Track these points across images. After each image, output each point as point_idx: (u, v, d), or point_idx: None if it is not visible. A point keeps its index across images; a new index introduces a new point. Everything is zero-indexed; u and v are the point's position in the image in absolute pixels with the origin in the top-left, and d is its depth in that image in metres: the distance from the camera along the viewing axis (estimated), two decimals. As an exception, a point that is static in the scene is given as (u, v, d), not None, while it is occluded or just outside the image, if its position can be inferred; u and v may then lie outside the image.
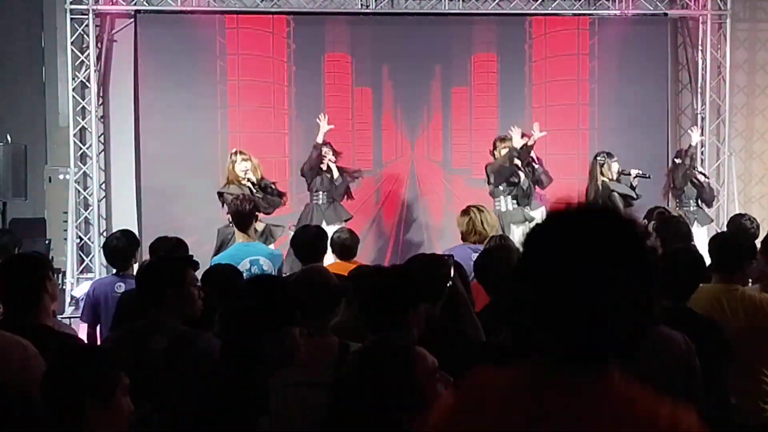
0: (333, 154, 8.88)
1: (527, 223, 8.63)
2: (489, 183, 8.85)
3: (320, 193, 8.87)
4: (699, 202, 9.40)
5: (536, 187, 8.93)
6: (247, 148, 8.69)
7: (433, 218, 10.33)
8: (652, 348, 3.41)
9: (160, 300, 3.59)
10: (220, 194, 7.96)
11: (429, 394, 2.32)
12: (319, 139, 8.89)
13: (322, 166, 8.85)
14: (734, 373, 3.88)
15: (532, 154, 8.89)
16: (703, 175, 9.51)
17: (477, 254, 5.53)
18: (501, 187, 8.73)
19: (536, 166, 8.93)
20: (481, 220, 5.92)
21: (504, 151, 8.75)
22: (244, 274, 5.96)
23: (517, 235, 8.15)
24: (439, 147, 10.60)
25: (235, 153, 8.26)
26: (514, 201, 8.75)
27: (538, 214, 8.75)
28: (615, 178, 8.85)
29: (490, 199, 8.82)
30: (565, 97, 10.68)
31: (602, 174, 8.83)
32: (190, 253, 5.43)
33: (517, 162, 8.71)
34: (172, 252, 5.47)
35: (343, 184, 8.94)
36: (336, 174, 8.87)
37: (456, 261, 4.07)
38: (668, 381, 3.39)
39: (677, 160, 9.52)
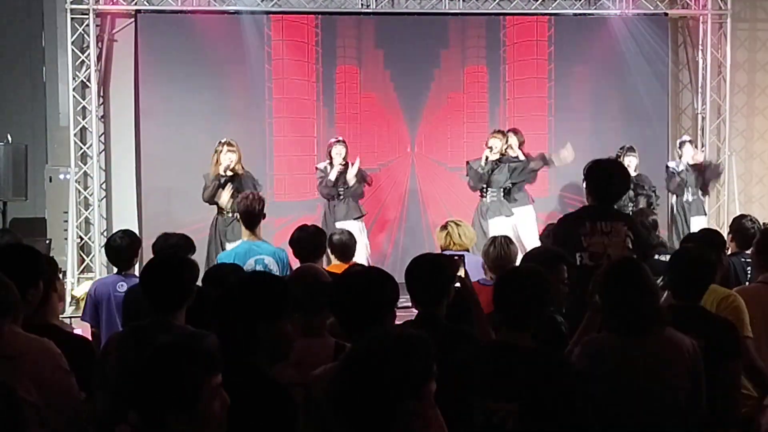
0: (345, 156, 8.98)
1: (508, 217, 8.96)
2: (468, 175, 9.21)
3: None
4: (700, 192, 9.57)
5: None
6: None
7: (433, 216, 10.33)
8: (659, 350, 3.42)
9: (164, 299, 3.59)
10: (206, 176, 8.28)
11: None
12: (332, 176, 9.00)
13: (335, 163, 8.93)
14: None
15: (517, 152, 9.11)
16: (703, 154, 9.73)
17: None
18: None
19: (526, 166, 9.05)
20: (459, 233, 6.15)
21: (491, 141, 9.05)
22: None
23: (496, 226, 8.63)
24: (438, 146, 10.63)
25: (222, 143, 8.41)
26: (500, 194, 9.06)
27: (523, 212, 9.01)
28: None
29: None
30: (565, 96, 10.73)
31: None
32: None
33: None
34: (177, 249, 5.44)
35: (360, 187, 9.05)
36: (352, 179, 8.94)
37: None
38: (673, 382, 3.40)
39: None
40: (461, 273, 4.07)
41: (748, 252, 5.58)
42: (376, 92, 10.54)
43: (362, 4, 10.42)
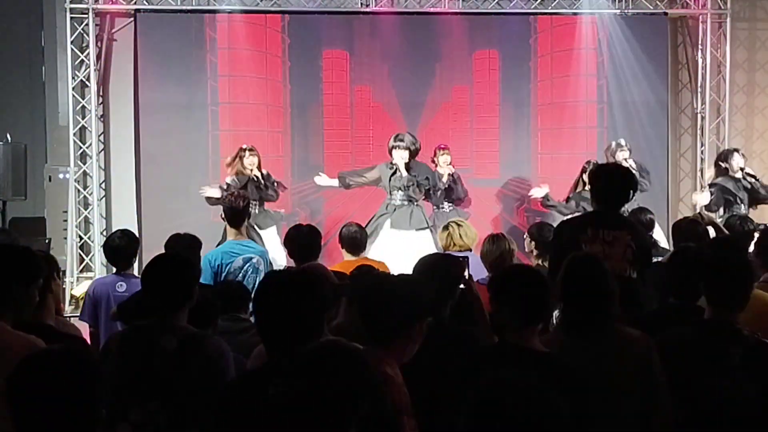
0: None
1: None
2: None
3: (398, 192, 8.71)
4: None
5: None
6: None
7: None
8: (610, 349, 3.35)
9: (166, 299, 3.58)
10: (228, 185, 8.43)
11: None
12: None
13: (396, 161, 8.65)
14: None
15: (447, 175, 8.99)
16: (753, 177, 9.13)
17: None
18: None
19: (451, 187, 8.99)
20: (459, 234, 6.19)
21: (441, 158, 9.05)
22: (240, 273, 6.00)
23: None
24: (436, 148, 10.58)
25: (244, 149, 8.65)
26: (451, 204, 9.04)
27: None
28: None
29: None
30: (568, 95, 10.70)
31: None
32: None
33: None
34: (187, 249, 5.45)
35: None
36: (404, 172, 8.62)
37: None
38: (627, 378, 3.34)
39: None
40: (465, 274, 4.06)
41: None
42: (376, 92, 10.50)
43: (362, 4, 10.40)
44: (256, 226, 8.37)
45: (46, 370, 2.33)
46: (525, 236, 6.32)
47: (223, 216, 6.55)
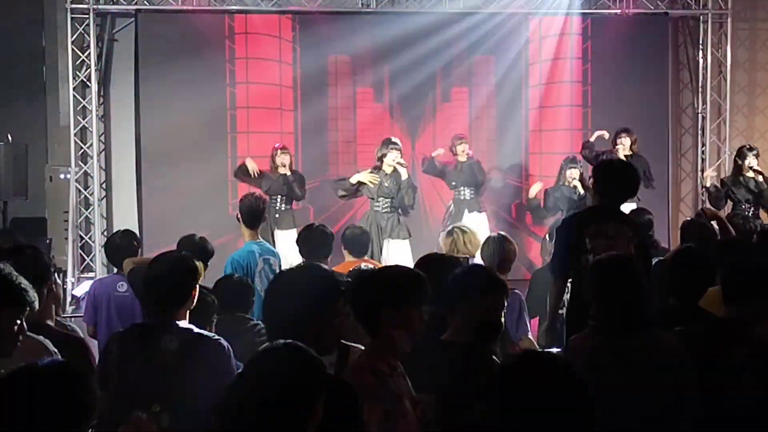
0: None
1: (477, 212, 9.46)
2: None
3: (381, 199, 8.89)
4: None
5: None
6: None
7: (434, 217, 10.33)
8: (647, 350, 3.37)
9: (165, 299, 3.58)
10: (261, 175, 8.87)
11: None
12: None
13: (384, 168, 8.84)
14: None
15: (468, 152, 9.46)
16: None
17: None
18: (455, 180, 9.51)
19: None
20: (464, 241, 6.09)
21: (459, 147, 9.48)
22: (261, 274, 6.02)
23: (468, 220, 8.89)
24: (440, 146, 10.58)
25: (277, 148, 8.95)
26: (471, 191, 9.49)
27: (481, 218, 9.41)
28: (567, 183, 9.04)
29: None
30: (562, 98, 10.70)
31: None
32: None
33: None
34: (196, 250, 5.43)
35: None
36: (405, 175, 8.85)
37: None
38: (661, 382, 3.35)
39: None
40: None
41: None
42: (376, 91, 10.51)
43: (362, 4, 10.39)
44: (275, 226, 8.63)
45: (29, 390, 2.16)
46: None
47: (238, 216, 6.51)
